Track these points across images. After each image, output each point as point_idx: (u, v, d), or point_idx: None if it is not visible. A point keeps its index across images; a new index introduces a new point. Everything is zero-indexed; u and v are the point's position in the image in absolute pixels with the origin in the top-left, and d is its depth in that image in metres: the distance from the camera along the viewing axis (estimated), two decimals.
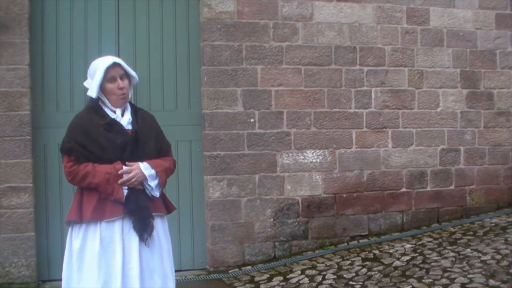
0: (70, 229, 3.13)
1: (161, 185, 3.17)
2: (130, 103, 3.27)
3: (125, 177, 3.03)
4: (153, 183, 3.11)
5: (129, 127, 3.14)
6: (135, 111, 3.23)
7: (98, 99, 3.11)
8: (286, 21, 5.37)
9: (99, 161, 3.03)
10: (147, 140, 3.16)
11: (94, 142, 3.03)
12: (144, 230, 3.05)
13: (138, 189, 3.08)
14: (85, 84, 3.18)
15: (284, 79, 5.36)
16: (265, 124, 5.30)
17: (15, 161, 4.75)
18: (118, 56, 4.89)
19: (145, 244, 3.07)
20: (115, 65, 3.09)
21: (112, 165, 3.03)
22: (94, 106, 3.12)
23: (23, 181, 4.76)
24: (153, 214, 3.13)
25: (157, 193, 3.15)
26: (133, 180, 3.04)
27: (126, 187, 3.05)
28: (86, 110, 3.15)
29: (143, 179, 3.08)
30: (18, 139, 4.76)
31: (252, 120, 5.27)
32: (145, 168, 3.08)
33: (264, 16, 5.31)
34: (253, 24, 5.28)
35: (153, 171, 3.11)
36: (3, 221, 4.72)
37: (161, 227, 3.21)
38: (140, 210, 3.06)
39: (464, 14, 5.92)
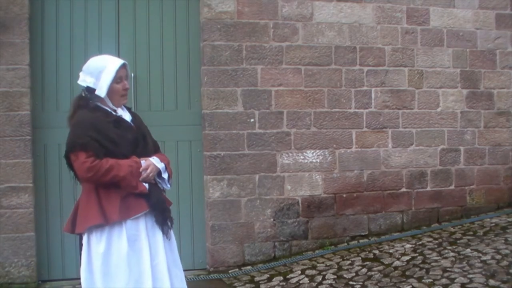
0: (87, 234, 3.00)
1: (170, 177, 3.23)
2: None
3: (144, 174, 3.04)
4: (165, 175, 3.18)
5: (131, 124, 3.19)
6: (128, 109, 3.29)
7: (91, 98, 3.07)
8: (286, 21, 5.37)
9: (113, 157, 2.99)
10: (148, 136, 3.25)
11: (107, 138, 2.98)
12: (165, 224, 3.10)
13: (153, 183, 3.12)
14: (82, 82, 3.09)
15: (284, 79, 5.36)
16: (265, 124, 5.30)
17: (15, 161, 4.75)
18: (118, 56, 4.92)
19: (167, 237, 3.11)
20: (123, 66, 3.12)
21: (131, 159, 3.03)
22: (95, 105, 3.08)
23: (23, 181, 4.76)
24: None
25: (168, 186, 3.23)
26: (151, 175, 3.08)
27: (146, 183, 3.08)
28: (88, 109, 3.05)
29: (157, 173, 3.12)
30: (18, 139, 4.76)
31: (252, 120, 5.26)
32: (157, 162, 3.13)
33: (264, 16, 5.31)
34: (253, 24, 5.28)
35: (163, 164, 3.17)
36: (3, 221, 4.72)
37: None
38: (161, 204, 3.10)
39: (464, 14, 5.92)
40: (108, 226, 2.96)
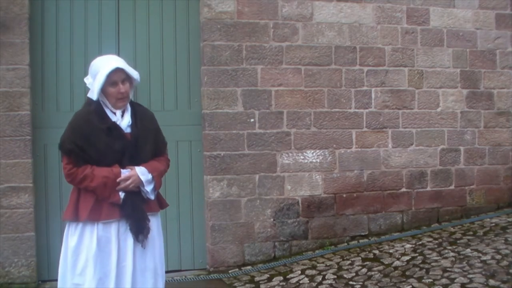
0: (67, 226, 3.16)
1: (156, 188, 3.21)
2: (131, 101, 3.26)
3: (122, 184, 3.05)
4: (149, 187, 3.14)
5: (128, 130, 3.14)
6: (135, 112, 3.22)
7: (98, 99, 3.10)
8: (286, 21, 5.37)
9: (98, 165, 3.05)
10: (144, 144, 3.18)
11: (93, 147, 3.03)
12: (140, 232, 3.09)
13: (134, 191, 3.10)
14: (86, 80, 3.17)
15: (284, 79, 5.36)
16: (265, 124, 5.30)
17: (15, 161, 4.75)
18: (118, 56, 4.92)
19: (141, 246, 3.11)
20: (117, 70, 3.05)
21: (110, 168, 3.05)
22: (96, 106, 3.09)
23: (23, 181, 4.76)
24: (148, 214, 3.17)
25: (152, 197, 3.19)
26: (131, 186, 3.07)
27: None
28: (87, 110, 3.11)
29: (139, 184, 3.10)
30: (18, 139, 4.76)
31: (252, 120, 5.27)
32: (142, 173, 3.11)
33: (264, 16, 5.31)
34: (253, 24, 5.28)
35: (149, 176, 3.14)
36: (3, 221, 4.72)
37: (155, 225, 3.24)
38: (136, 213, 3.09)
39: (464, 14, 5.92)
40: (81, 223, 3.06)
